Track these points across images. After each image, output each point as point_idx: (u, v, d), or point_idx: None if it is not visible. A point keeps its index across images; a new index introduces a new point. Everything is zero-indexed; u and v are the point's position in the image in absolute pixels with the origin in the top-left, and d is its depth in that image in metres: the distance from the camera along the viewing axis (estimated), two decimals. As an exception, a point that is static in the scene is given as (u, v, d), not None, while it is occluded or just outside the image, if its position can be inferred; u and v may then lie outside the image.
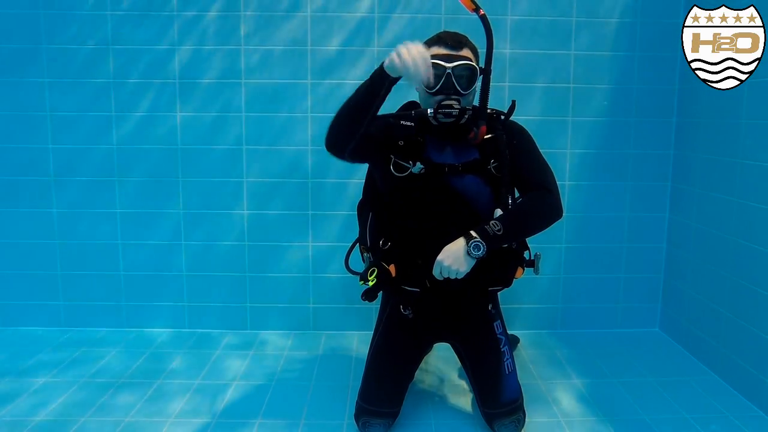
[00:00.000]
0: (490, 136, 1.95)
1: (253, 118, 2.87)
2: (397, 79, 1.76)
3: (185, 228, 2.95)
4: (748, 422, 2.17)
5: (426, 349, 2.22)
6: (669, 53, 2.84)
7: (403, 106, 2.05)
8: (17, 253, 2.96)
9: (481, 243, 1.80)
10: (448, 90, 1.85)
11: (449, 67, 1.84)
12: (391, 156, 1.96)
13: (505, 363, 2.08)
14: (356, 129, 1.81)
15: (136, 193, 2.92)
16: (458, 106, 1.86)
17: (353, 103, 1.81)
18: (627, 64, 2.87)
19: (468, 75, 1.88)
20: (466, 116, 1.89)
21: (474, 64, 1.89)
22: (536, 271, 2.06)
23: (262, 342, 2.89)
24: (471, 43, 1.95)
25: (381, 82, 1.75)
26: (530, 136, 2.05)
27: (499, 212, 1.92)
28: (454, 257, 1.82)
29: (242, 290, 2.99)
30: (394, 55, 1.70)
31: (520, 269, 2.05)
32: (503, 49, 2.83)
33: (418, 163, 1.93)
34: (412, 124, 1.92)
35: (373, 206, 2.12)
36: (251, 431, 2.09)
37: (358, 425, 2.07)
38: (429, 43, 1.92)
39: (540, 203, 1.91)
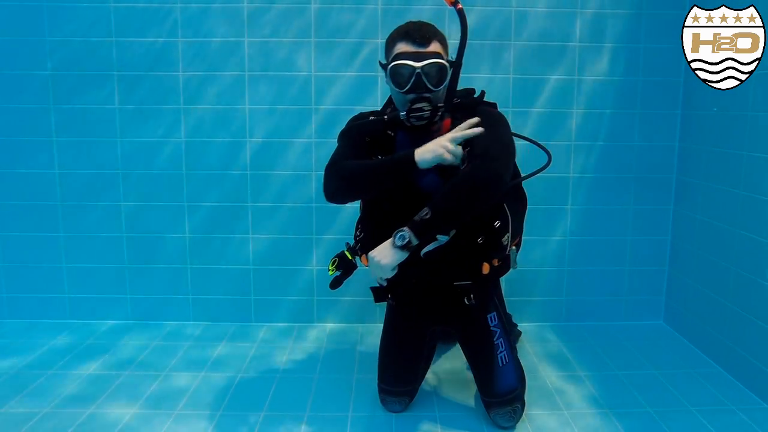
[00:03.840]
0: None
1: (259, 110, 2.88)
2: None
3: (190, 222, 2.96)
4: (753, 414, 2.17)
5: (428, 332, 2.21)
6: (674, 45, 2.82)
7: (386, 102, 2.09)
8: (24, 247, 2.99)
9: (406, 232, 1.76)
10: (419, 89, 1.84)
11: (418, 66, 1.82)
12: (363, 154, 1.98)
13: (499, 355, 2.07)
14: (367, 196, 1.88)
15: (143, 188, 2.94)
16: (429, 108, 1.84)
17: (372, 179, 1.85)
18: (632, 55, 2.86)
19: (437, 72, 1.85)
20: (439, 114, 1.88)
21: (443, 60, 1.86)
22: (512, 266, 2.05)
23: (267, 335, 2.90)
24: (439, 33, 1.91)
25: (409, 170, 1.79)
26: (501, 120, 1.94)
27: None
28: (381, 249, 1.82)
29: (247, 283, 3.00)
30: (443, 151, 1.75)
31: (486, 265, 1.96)
32: (507, 41, 2.82)
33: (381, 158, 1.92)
34: (383, 118, 1.95)
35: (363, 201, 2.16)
36: (256, 424, 2.10)
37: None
38: (395, 39, 1.90)
39: (471, 174, 1.77)
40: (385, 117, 1.94)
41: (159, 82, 2.85)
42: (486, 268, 1.97)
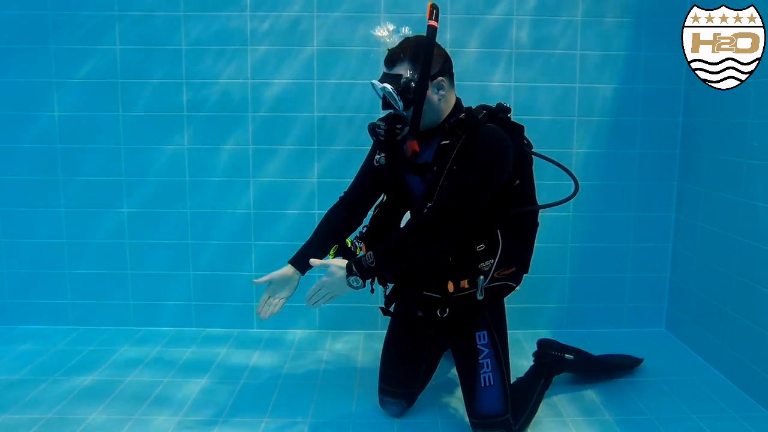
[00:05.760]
0: (446, 142, 1.93)
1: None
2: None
3: (192, 228, 2.97)
4: (754, 422, 2.16)
5: (427, 338, 2.21)
6: (674, 52, 2.82)
7: None
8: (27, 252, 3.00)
9: (359, 278, 1.89)
10: (390, 107, 1.95)
11: (379, 88, 1.91)
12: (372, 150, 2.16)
13: (482, 375, 2.00)
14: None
15: (143, 193, 2.96)
16: (384, 128, 1.95)
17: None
18: (632, 63, 2.87)
19: (396, 94, 1.87)
20: (401, 134, 1.97)
21: (400, 82, 1.86)
22: (477, 294, 1.92)
23: (269, 341, 2.90)
24: (413, 52, 1.88)
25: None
26: (486, 157, 1.85)
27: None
28: (337, 285, 1.93)
29: (249, 289, 3.00)
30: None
31: (450, 283, 1.92)
32: (508, 49, 2.84)
33: (382, 157, 2.05)
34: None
35: None
36: (258, 429, 2.10)
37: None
38: None
39: (417, 233, 1.86)
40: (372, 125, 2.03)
41: (162, 88, 2.88)
42: (450, 287, 1.93)
